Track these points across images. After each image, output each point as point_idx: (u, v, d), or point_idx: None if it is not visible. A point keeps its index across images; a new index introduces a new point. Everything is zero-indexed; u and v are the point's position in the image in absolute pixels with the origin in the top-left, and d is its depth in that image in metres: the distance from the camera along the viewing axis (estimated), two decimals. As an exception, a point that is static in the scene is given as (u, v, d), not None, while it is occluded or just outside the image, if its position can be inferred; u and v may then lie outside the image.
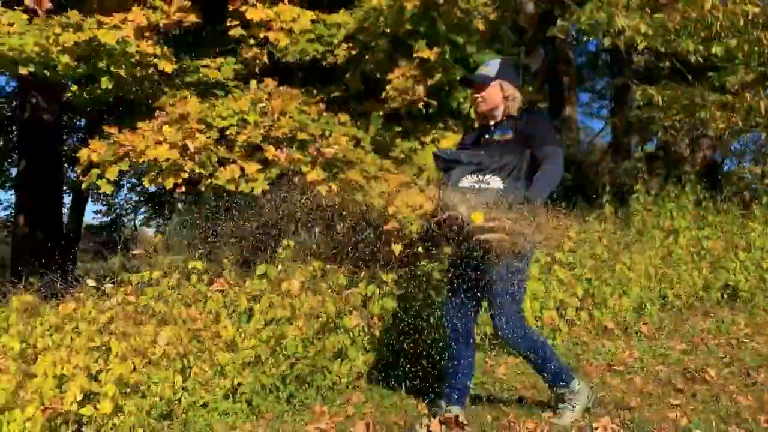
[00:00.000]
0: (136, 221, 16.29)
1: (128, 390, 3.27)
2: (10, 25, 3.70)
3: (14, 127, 13.53)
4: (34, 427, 3.08)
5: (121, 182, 12.98)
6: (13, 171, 14.46)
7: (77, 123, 13.58)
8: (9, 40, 3.53)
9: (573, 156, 10.91)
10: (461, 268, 2.86)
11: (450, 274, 3.00)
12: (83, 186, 3.91)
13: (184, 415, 3.27)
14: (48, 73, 3.80)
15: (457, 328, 2.92)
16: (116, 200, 15.58)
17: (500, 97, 2.90)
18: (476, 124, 3.21)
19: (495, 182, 2.72)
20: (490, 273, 2.73)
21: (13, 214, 14.74)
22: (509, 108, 2.91)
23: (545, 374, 2.83)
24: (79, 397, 3.18)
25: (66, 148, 11.19)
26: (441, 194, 2.82)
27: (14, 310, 3.70)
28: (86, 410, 3.16)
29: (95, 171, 3.81)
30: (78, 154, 3.83)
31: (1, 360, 3.25)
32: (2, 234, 15.08)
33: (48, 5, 3.79)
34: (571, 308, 4.32)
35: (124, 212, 16.25)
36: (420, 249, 3.96)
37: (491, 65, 2.96)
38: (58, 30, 3.62)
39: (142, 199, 15.04)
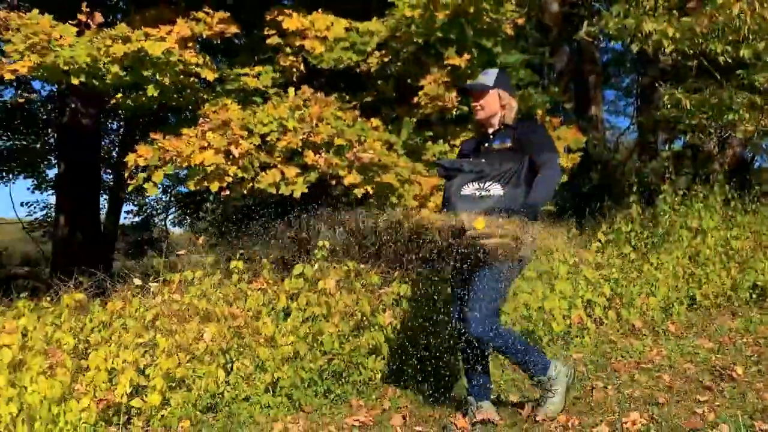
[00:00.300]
0: (167, 221, 16.66)
1: (174, 384, 3.45)
2: (61, 37, 3.92)
3: (50, 130, 13.97)
4: (89, 418, 3.27)
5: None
6: (50, 173, 14.92)
7: (109, 126, 13.96)
8: (62, 52, 3.75)
9: (599, 155, 10.90)
10: (462, 274, 2.93)
11: (452, 280, 3.08)
12: (129, 188, 4.12)
13: (227, 407, 3.44)
14: (96, 83, 4.01)
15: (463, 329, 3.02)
16: (147, 201, 15.98)
17: (498, 105, 2.99)
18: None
19: (495, 189, 2.81)
20: (477, 272, 2.81)
21: (51, 215, 15.24)
22: (505, 117, 3.00)
23: (522, 366, 2.88)
24: (129, 390, 3.36)
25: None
26: (444, 202, 2.94)
27: (65, 308, 3.91)
28: (136, 402, 3.34)
29: (142, 175, 4.01)
30: (126, 159, 4.04)
31: (57, 354, 3.44)
32: (38, 233, 15.52)
33: (100, 19, 4.00)
34: (599, 307, 4.40)
35: (155, 212, 16.65)
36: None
37: (489, 74, 3.05)
38: (108, 42, 3.83)
39: (172, 199, 15.40)
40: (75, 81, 3.90)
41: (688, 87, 6.56)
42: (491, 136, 3.01)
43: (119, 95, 4.53)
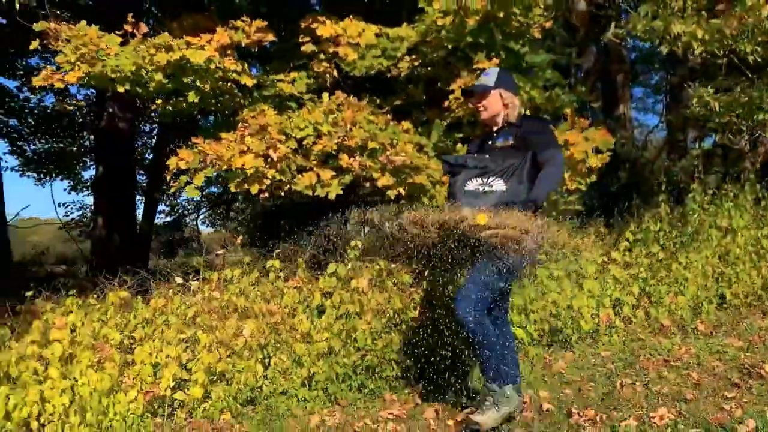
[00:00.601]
0: (198, 221, 17.01)
1: (215, 378, 3.61)
2: (106, 47, 4.11)
3: (85, 133, 14.39)
4: (136, 409, 3.45)
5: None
6: (85, 174, 15.36)
7: (142, 128, 14.34)
8: (109, 61, 3.94)
9: (627, 154, 10.84)
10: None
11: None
12: (171, 190, 4.31)
13: (266, 401, 3.59)
14: (140, 90, 4.20)
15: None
16: (179, 201, 16.35)
17: (501, 104, 3.07)
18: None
19: (498, 185, 2.88)
20: (482, 262, 2.84)
21: (87, 216, 15.68)
22: (508, 115, 3.08)
23: (487, 367, 2.86)
24: (172, 384, 3.53)
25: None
26: (448, 198, 3.01)
27: (111, 305, 4.09)
28: (179, 395, 3.50)
29: (184, 177, 4.20)
30: (168, 162, 4.23)
31: (105, 348, 3.62)
32: (75, 233, 15.97)
33: (145, 29, 4.19)
34: (627, 306, 4.45)
35: (186, 212, 17.02)
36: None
37: (490, 75, 3.12)
38: (152, 51, 4.02)
39: (203, 199, 15.74)
40: (121, 89, 4.09)
41: (718, 84, 6.53)
42: (495, 134, 3.10)
43: (159, 101, 4.71)
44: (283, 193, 4.27)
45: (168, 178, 4.24)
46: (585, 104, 11.40)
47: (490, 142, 3.10)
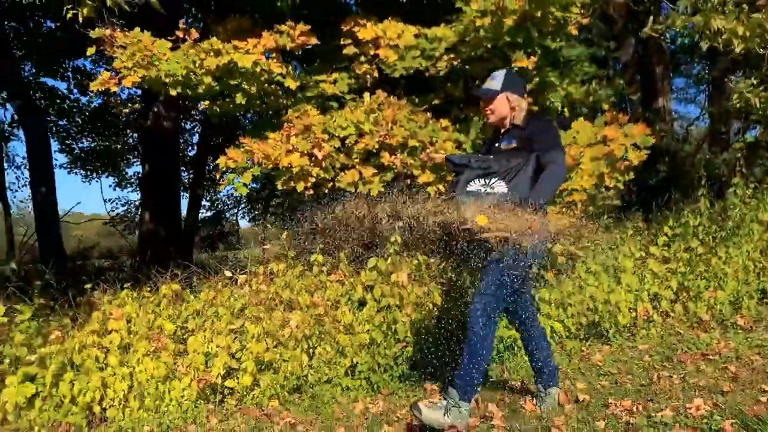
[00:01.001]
0: (238, 216, 17.41)
1: (263, 367, 3.78)
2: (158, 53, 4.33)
3: (129, 132, 14.88)
4: (190, 395, 3.66)
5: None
6: (129, 171, 15.89)
7: (183, 126, 14.76)
8: (162, 66, 4.16)
9: (666, 147, 10.70)
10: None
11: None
12: (221, 188, 4.54)
13: (311, 389, 3.75)
14: (190, 92, 4.41)
15: (514, 323, 3.18)
16: (219, 196, 16.77)
17: (508, 108, 3.13)
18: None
19: (500, 186, 2.93)
20: (489, 263, 2.92)
21: (131, 211, 16.21)
22: (515, 117, 3.13)
23: (461, 372, 2.89)
24: (223, 372, 3.72)
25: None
26: (450, 198, 3.05)
27: (163, 297, 4.31)
28: (230, 383, 3.69)
29: (232, 175, 4.39)
30: (218, 161, 4.43)
31: (161, 338, 3.83)
32: (120, 227, 16.53)
33: (196, 35, 4.40)
34: (665, 301, 4.47)
35: (225, 207, 17.45)
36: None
37: (497, 78, 3.17)
38: (203, 55, 4.22)
39: (242, 196, 16.11)
40: (173, 92, 4.31)
41: (762, 76, 6.43)
42: (501, 137, 3.17)
43: (207, 102, 4.91)
44: (326, 191, 4.44)
45: (217, 176, 4.45)
46: (623, 97, 11.27)
47: (496, 145, 3.17)
